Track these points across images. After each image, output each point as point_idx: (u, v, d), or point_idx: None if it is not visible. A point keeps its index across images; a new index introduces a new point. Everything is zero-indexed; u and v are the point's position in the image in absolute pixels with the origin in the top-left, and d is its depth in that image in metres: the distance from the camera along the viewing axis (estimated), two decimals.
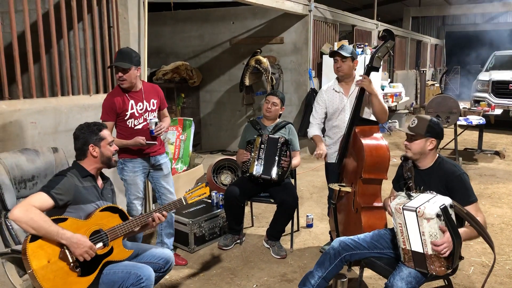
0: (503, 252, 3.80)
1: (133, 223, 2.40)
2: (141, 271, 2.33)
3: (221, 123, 8.11)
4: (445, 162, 2.59)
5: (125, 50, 3.14)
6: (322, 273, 2.69)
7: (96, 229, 2.30)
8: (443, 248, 2.19)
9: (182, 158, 5.28)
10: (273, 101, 3.85)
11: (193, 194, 2.61)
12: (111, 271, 2.32)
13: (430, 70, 17.01)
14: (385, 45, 3.22)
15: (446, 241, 2.19)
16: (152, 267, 2.51)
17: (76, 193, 2.32)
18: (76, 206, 2.32)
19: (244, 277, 3.42)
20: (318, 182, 5.96)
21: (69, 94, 3.69)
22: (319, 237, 4.15)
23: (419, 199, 2.33)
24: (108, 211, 2.39)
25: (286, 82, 7.50)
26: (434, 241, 2.21)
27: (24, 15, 3.28)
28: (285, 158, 3.68)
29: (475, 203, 2.46)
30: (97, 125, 2.48)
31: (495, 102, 9.13)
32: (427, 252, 2.25)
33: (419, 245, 2.28)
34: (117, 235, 2.35)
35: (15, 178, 2.45)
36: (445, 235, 2.20)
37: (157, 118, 3.27)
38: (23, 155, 2.53)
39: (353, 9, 13.57)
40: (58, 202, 2.22)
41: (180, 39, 8.17)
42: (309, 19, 7.20)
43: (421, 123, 2.57)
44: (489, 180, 6.04)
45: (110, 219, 2.37)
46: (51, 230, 2.10)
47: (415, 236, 2.29)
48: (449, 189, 2.48)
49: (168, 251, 2.67)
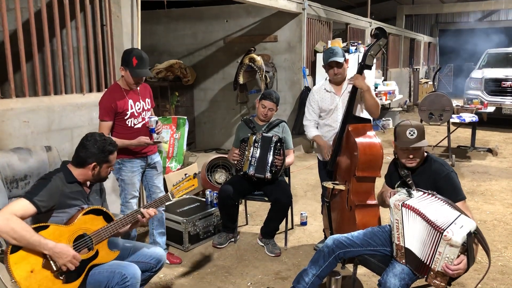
0: (495, 249, 3.83)
1: (117, 224, 2.36)
2: (126, 269, 2.29)
3: (215, 122, 8.10)
4: (434, 161, 2.60)
5: (145, 56, 3.12)
6: (316, 270, 2.70)
7: (80, 233, 2.26)
8: (455, 273, 2.17)
9: (176, 156, 5.27)
10: (269, 107, 3.80)
11: (181, 188, 2.55)
12: (96, 271, 2.29)
13: (424, 68, 17.08)
14: (377, 43, 3.22)
15: (462, 267, 2.16)
16: (144, 267, 2.50)
17: (61, 198, 2.28)
18: (61, 211, 2.28)
19: (239, 275, 3.42)
20: (312, 180, 5.97)
21: (62, 93, 3.67)
22: (313, 235, 4.17)
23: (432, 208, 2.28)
24: (91, 213, 2.33)
25: (280, 80, 7.50)
26: (447, 264, 2.17)
27: (16, 13, 3.25)
28: (278, 157, 3.69)
29: (463, 201, 2.48)
30: (111, 147, 2.43)
31: (488, 100, 9.18)
32: (434, 268, 2.23)
33: (417, 248, 2.28)
34: (102, 238, 2.30)
35: (7, 178, 2.43)
36: (463, 261, 2.16)
37: (156, 117, 3.28)
38: (15, 154, 2.50)
39: (346, 7, 13.59)
40: (40, 209, 2.18)
41: (173, 38, 8.15)
42: (303, 17, 7.21)
43: (419, 130, 2.53)
44: (482, 177, 6.08)
45: (94, 222, 2.32)
46: (33, 240, 2.06)
47: (411, 235, 2.29)
48: (437, 187, 2.48)
49: (160, 249, 2.65)
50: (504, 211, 4.78)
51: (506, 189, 5.55)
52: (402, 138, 2.56)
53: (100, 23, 3.96)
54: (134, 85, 3.15)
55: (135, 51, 3.13)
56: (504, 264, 3.57)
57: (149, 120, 3.19)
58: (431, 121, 6.61)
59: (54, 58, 3.74)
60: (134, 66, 3.04)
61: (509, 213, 4.69)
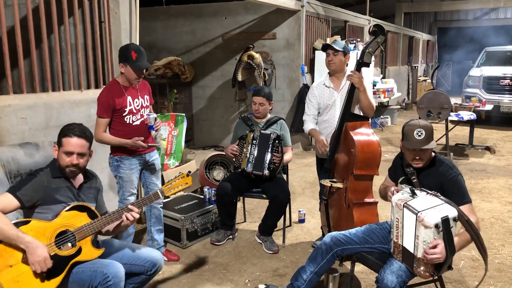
0: (492, 246, 3.84)
1: (101, 221, 2.31)
2: (107, 269, 2.24)
3: (214, 119, 8.09)
4: (441, 162, 2.56)
5: (143, 49, 3.11)
6: (314, 268, 2.71)
7: (62, 230, 2.23)
8: (433, 257, 2.18)
9: (175, 153, 5.27)
10: (259, 102, 3.83)
11: (173, 186, 2.47)
12: (79, 269, 2.26)
13: (422, 66, 17.08)
14: (375, 40, 3.22)
15: (438, 252, 2.17)
16: (138, 269, 2.46)
17: (46, 193, 2.26)
18: (46, 207, 2.27)
19: (237, 272, 3.43)
20: (310, 177, 5.98)
21: (60, 89, 3.66)
22: (311, 232, 4.17)
23: (423, 200, 2.28)
24: (75, 210, 2.30)
25: (278, 77, 7.50)
26: (426, 249, 2.19)
27: (14, 9, 3.24)
28: (277, 154, 3.69)
29: (469, 204, 2.46)
30: (69, 130, 2.34)
31: (486, 98, 9.18)
32: (417, 255, 2.25)
33: (411, 244, 2.28)
34: (85, 234, 2.26)
35: (11, 172, 2.43)
36: (439, 246, 2.17)
37: (155, 114, 3.27)
38: (21, 149, 2.52)
39: (345, 5, 13.56)
40: (24, 203, 2.18)
41: (172, 35, 8.13)
42: (301, 15, 7.20)
43: (428, 131, 2.47)
44: (480, 175, 6.09)
45: (77, 219, 2.28)
46: (10, 234, 2.06)
47: (410, 235, 2.29)
48: (444, 189, 2.46)
49: (157, 253, 2.58)
50: (501, 209, 4.79)
51: (503, 187, 5.56)
52: (409, 139, 2.49)
53: (98, 19, 3.95)
54: (136, 80, 3.12)
55: (132, 45, 3.13)
56: (501, 261, 3.58)
57: (148, 117, 3.18)
58: (429, 119, 6.60)
59: (52, 54, 3.72)
60: (134, 60, 3.03)
61: (506, 211, 4.70)
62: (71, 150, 2.33)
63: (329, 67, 3.52)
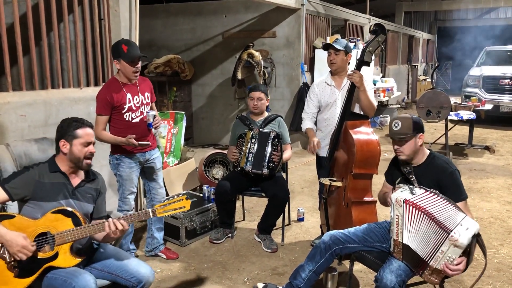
0: (491, 246, 3.84)
1: (84, 230, 2.21)
2: (76, 281, 2.12)
3: (213, 117, 8.09)
4: (438, 159, 2.58)
5: (133, 42, 3.11)
6: (313, 266, 2.71)
7: (43, 231, 2.18)
8: (454, 273, 2.20)
9: (174, 152, 5.27)
10: (258, 96, 3.82)
11: (168, 207, 2.31)
12: (53, 275, 2.19)
13: (422, 65, 17.07)
14: (376, 39, 3.22)
15: (461, 268, 2.20)
16: (123, 283, 2.35)
17: (36, 188, 2.23)
18: (36, 202, 2.24)
19: (235, 270, 3.43)
20: (310, 176, 5.98)
21: (59, 87, 3.66)
22: (310, 231, 4.17)
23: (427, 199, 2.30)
24: (60, 213, 2.22)
25: (278, 76, 7.50)
26: (447, 264, 2.20)
27: (14, 7, 3.24)
28: (276, 152, 3.68)
29: (465, 200, 2.47)
30: (79, 122, 2.33)
31: (486, 97, 9.19)
32: (432, 265, 2.25)
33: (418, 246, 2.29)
34: (65, 240, 2.18)
35: (22, 166, 2.43)
36: (463, 262, 2.20)
37: (154, 111, 3.25)
38: (35, 144, 2.54)
39: (345, 4, 13.55)
40: (12, 196, 2.17)
41: (172, 32, 8.12)
42: (301, 13, 7.19)
43: (405, 123, 2.53)
44: (479, 175, 6.10)
45: (60, 223, 2.21)
46: None
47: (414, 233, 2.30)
48: (441, 186, 2.47)
49: (146, 269, 2.39)
50: (500, 208, 4.79)
51: (502, 186, 5.56)
52: (389, 129, 2.62)
53: (98, 17, 3.94)
54: (133, 74, 3.09)
55: (121, 40, 3.13)
56: (500, 261, 3.58)
57: (147, 115, 3.16)
58: (429, 118, 6.61)
59: (52, 52, 3.72)
60: (126, 52, 3.01)
61: (505, 211, 4.71)
62: (90, 140, 2.34)
63: (330, 66, 3.51)
